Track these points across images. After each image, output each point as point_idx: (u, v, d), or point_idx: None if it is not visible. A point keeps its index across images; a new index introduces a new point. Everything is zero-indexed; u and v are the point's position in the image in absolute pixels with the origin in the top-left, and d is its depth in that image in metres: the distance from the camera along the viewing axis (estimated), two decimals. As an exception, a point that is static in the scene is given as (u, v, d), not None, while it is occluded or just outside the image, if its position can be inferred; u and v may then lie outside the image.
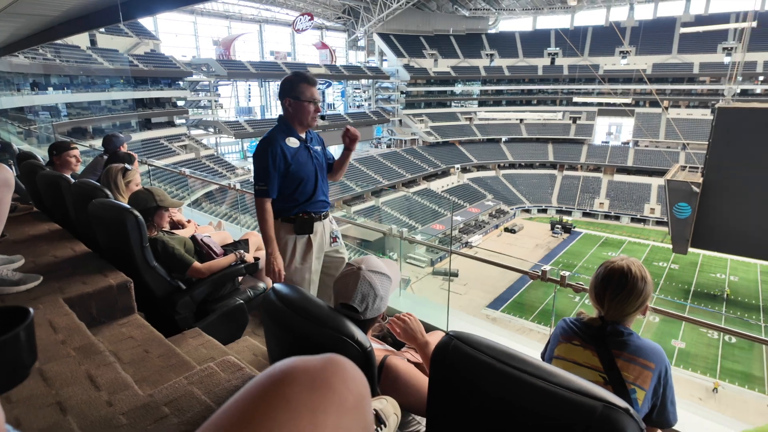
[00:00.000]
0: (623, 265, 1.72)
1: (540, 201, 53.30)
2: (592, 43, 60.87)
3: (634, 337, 1.69)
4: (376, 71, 61.06)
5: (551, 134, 59.62)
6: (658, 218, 45.01)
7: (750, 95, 51.03)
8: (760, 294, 31.94)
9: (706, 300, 31.05)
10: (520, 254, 39.84)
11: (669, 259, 36.96)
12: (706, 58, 53.53)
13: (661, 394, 1.63)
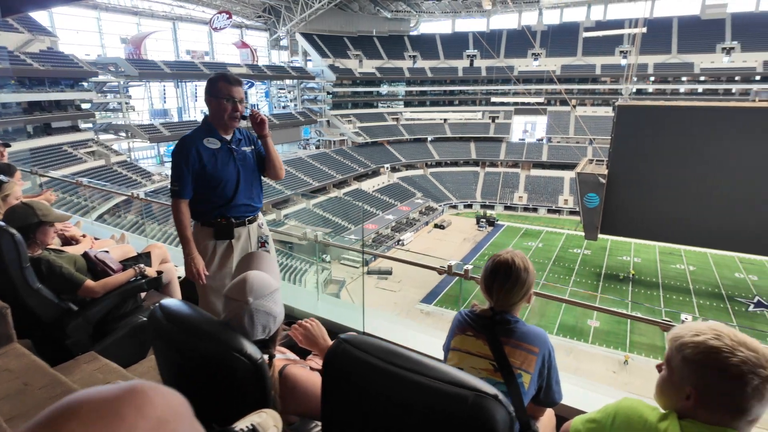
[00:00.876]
0: (508, 258, 1.83)
1: (465, 197, 55.58)
2: (507, 46, 64.52)
3: (520, 324, 1.81)
4: (301, 71, 60.18)
5: (473, 133, 62.37)
6: (572, 208, 48.73)
7: (644, 94, 56.90)
8: (659, 272, 35.71)
9: (615, 281, 34.10)
10: (450, 248, 41.31)
11: (582, 245, 40.15)
12: (606, 61, 58.81)
13: (546, 375, 1.76)
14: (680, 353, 1.26)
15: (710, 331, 1.24)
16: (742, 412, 1.17)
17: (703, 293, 32.15)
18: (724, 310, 29.77)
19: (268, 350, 1.59)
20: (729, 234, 28.49)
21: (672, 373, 1.30)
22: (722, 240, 29.62)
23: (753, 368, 1.15)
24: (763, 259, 35.63)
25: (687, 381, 1.24)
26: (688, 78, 55.00)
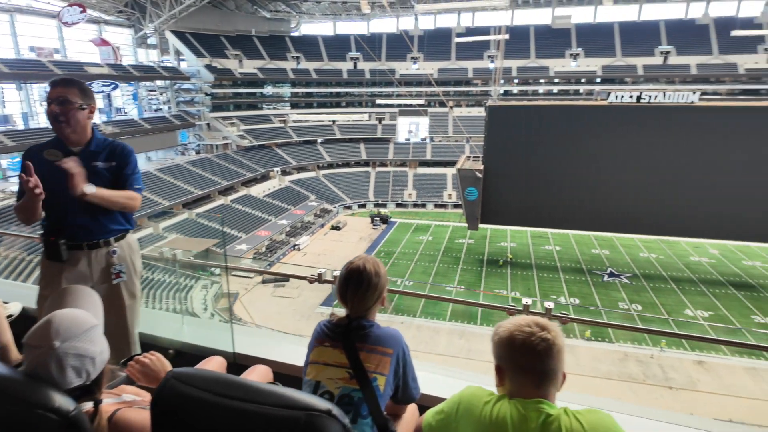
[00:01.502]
0: (359, 265, 1.86)
1: (359, 197, 56.45)
2: (387, 50, 66.82)
3: (374, 328, 1.84)
4: (174, 71, 55.67)
5: (362, 134, 63.58)
6: (456, 202, 52.22)
7: (510, 95, 63.13)
8: (532, 255, 39.92)
9: (495, 266, 37.29)
10: (347, 249, 41.62)
11: (466, 235, 43.26)
12: (477, 64, 64.00)
13: (402, 374, 1.82)
14: (495, 339, 1.49)
15: (522, 321, 1.46)
16: (546, 377, 1.41)
17: (568, 269, 36.66)
18: (585, 282, 34.30)
19: (92, 396, 1.38)
20: (589, 216, 33.00)
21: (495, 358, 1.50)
22: (583, 221, 34.21)
23: (537, 336, 1.40)
24: (612, 236, 41.84)
25: (499, 361, 1.48)
26: (545, 80, 62.33)
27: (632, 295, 31.99)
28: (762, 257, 38.42)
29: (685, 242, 40.44)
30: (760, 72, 53.74)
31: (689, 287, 33.19)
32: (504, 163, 32.81)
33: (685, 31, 59.67)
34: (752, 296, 31.67)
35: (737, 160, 28.70)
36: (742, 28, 48.83)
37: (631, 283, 33.95)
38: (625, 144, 30.39)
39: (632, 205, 31.33)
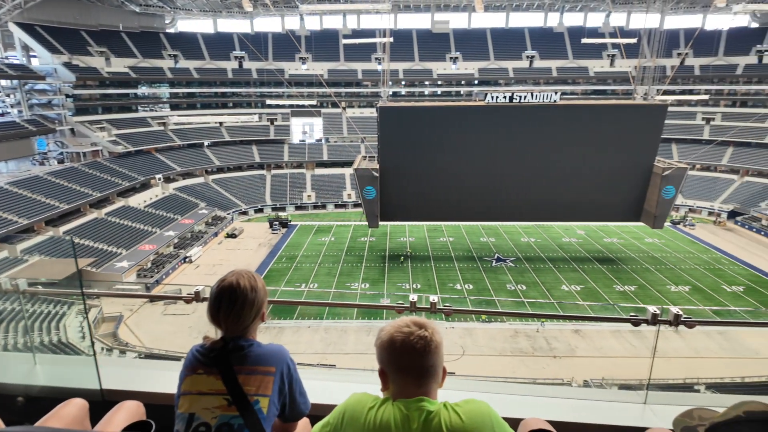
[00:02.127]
0: (232, 281, 1.71)
1: (255, 201, 54.21)
2: (274, 49, 65.00)
3: (254, 347, 1.72)
4: (23, 70, 48.06)
5: (253, 136, 61.11)
6: (355, 201, 52.76)
7: (399, 96, 65.37)
8: (429, 247, 41.88)
9: (396, 261, 38.44)
10: (246, 257, 39.72)
11: (367, 233, 43.96)
12: (365, 66, 65.18)
13: (287, 391, 1.72)
14: (377, 343, 1.47)
15: (401, 322, 1.46)
16: (427, 373, 1.42)
17: (461, 258, 39.15)
18: (477, 269, 36.91)
19: None
20: (474, 207, 35.55)
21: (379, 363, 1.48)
22: (470, 213, 36.74)
23: (416, 334, 1.41)
24: (497, 224, 45.63)
25: (381, 364, 1.46)
26: (430, 82, 65.67)
27: (517, 277, 35.22)
28: (617, 234, 44.84)
29: (557, 226, 45.55)
30: (606, 75, 62.56)
31: (563, 265, 37.50)
32: (398, 162, 33.96)
33: (546, 38, 67.13)
34: (612, 269, 36.82)
35: (592, 151, 33.06)
36: (589, 36, 56.27)
37: (515, 266, 37.35)
38: (502, 140, 33.30)
39: (512, 195, 34.52)
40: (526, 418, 1.71)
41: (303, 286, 34.00)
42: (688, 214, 49.58)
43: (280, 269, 37.21)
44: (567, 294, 32.31)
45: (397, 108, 36.77)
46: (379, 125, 33.93)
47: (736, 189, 51.05)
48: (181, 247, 40.28)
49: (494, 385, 2.41)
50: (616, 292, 32.54)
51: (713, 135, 53.98)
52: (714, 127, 56.18)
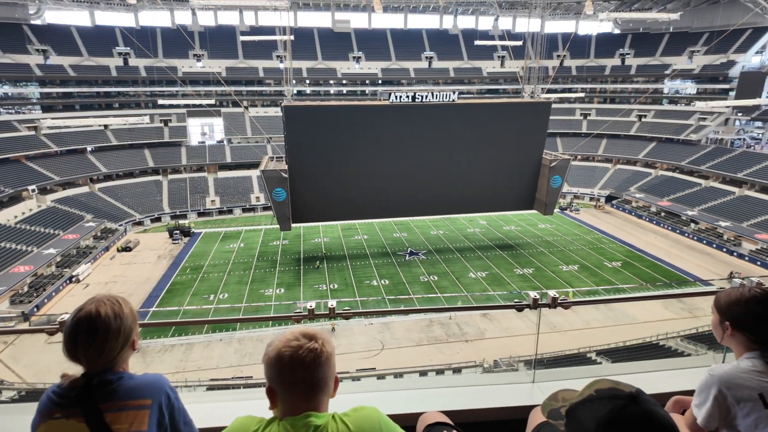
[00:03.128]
0: (90, 311, 1.51)
1: (151, 210, 49.95)
2: (164, 45, 60.32)
3: (125, 380, 1.53)
4: None
5: (145, 139, 56.21)
6: (265, 204, 50.98)
7: (304, 95, 64.39)
8: (344, 246, 41.88)
9: (312, 262, 37.89)
10: (144, 271, 36.49)
11: (280, 237, 42.74)
12: (267, 64, 63.14)
13: (168, 423, 1.57)
14: (264, 359, 1.37)
15: (289, 336, 1.37)
16: (317, 387, 1.35)
17: (376, 254, 39.73)
18: (392, 264, 37.71)
19: None
20: (389, 204, 36.23)
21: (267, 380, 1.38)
22: (380, 210, 37.39)
23: (305, 347, 1.35)
24: (408, 220, 46.97)
25: (270, 381, 1.37)
26: (334, 81, 65.55)
27: (429, 268, 36.63)
28: (515, 222, 48.55)
29: (462, 218, 48.12)
30: (498, 75, 67.35)
31: (469, 254, 39.75)
32: (307, 162, 33.42)
33: (442, 40, 70.46)
34: (512, 254, 39.81)
35: (489, 146, 35.39)
36: (481, 38, 60.13)
37: (427, 258, 38.80)
38: (407, 138, 34.30)
39: (419, 190, 35.74)
40: (423, 413, 1.74)
41: (212, 297, 32.14)
42: (573, 200, 55.26)
43: (184, 281, 34.75)
44: (474, 281, 34.32)
45: (303, 107, 36.21)
46: (285, 125, 33.08)
47: (611, 176, 57.99)
48: (65, 266, 35.83)
49: (394, 383, 2.43)
50: (516, 276, 35.26)
51: (590, 129, 60.69)
52: (590, 122, 63.19)
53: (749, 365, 1.64)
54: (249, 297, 32.08)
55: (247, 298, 31.99)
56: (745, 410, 1.55)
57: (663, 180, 53.77)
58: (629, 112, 61.98)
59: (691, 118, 58.12)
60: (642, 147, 58.96)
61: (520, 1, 63.92)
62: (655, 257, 38.89)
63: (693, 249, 41.04)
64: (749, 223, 41.04)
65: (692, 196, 48.70)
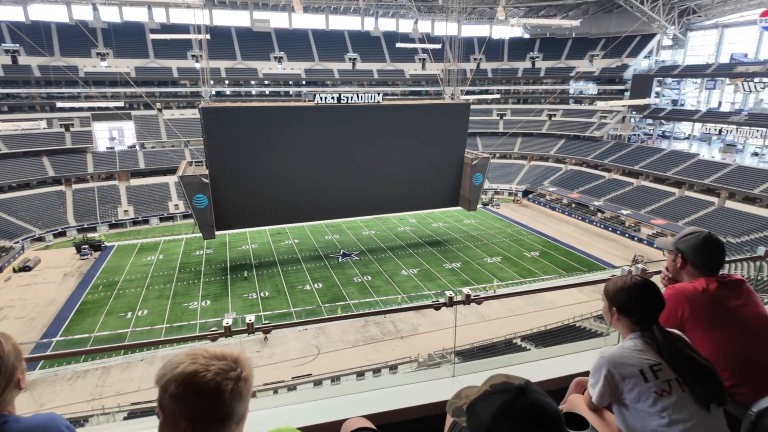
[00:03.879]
0: None
1: (53, 224, 45.17)
2: (61, 43, 54.84)
3: (10, 424, 1.37)
4: None
5: (43, 145, 50.70)
6: (184, 212, 48.15)
7: (223, 96, 61.68)
8: (274, 252, 40.75)
9: (241, 270, 36.45)
10: (48, 292, 33.01)
11: (203, 246, 40.62)
12: (181, 64, 59.68)
13: None
14: (167, 392, 1.20)
15: (187, 358, 1.24)
16: (228, 418, 1.22)
17: (308, 258, 39.13)
18: (325, 267, 37.35)
19: None
20: (319, 206, 35.71)
21: (167, 415, 1.22)
22: (308, 213, 36.78)
23: (225, 375, 1.21)
24: (340, 221, 46.76)
25: (180, 416, 1.19)
26: (256, 82, 63.57)
27: (362, 269, 36.79)
28: (443, 219, 50.22)
29: (393, 217, 48.86)
30: (419, 77, 69.23)
31: (401, 252, 40.48)
32: (230, 166, 32.05)
33: (365, 42, 71.05)
34: (441, 250, 41.14)
35: (415, 146, 36.27)
36: (402, 41, 61.40)
37: (360, 259, 38.93)
38: (334, 139, 34.13)
39: (349, 192, 35.72)
40: (346, 420, 1.73)
41: (129, 315, 29.79)
42: (494, 196, 58.28)
43: (96, 300, 31.87)
44: (407, 278, 35.03)
45: (223, 109, 34.56)
46: (204, 127, 31.48)
47: (527, 172, 61.93)
48: (-53, 294, 31.33)
49: (316, 391, 2.40)
50: (446, 270, 36.51)
51: (506, 128, 64.36)
52: (506, 122, 67.02)
53: (632, 345, 1.85)
54: (171, 312, 30.17)
55: (170, 313, 30.07)
56: (630, 385, 1.74)
57: (572, 174, 58.43)
58: (540, 112, 66.61)
59: (594, 116, 63.75)
60: (553, 144, 63.63)
61: (437, 6, 66.18)
62: (568, 245, 42.17)
63: (600, 236, 45.03)
64: (646, 210, 45.86)
65: (598, 187, 53.42)
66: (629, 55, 63.36)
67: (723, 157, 50.03)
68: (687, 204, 44.80)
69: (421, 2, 66.76)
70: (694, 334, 2.06)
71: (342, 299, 31.80)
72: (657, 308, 1.88)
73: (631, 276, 1.94)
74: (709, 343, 2.04)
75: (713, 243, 2.23)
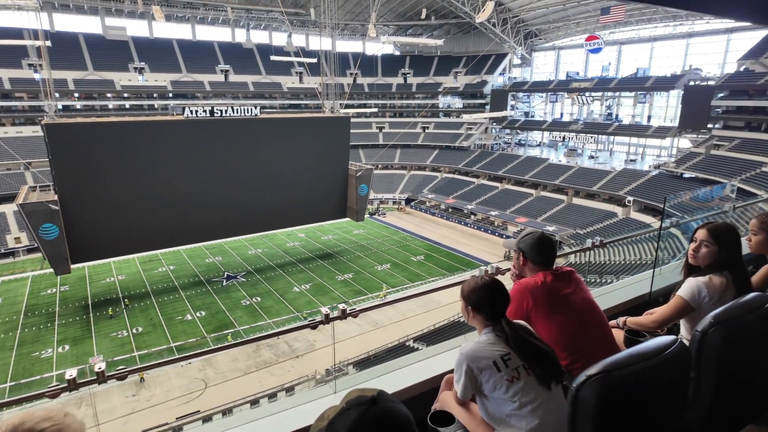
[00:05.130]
0: None
1: None
2: None
3: None
4: None
5: None
6: (29, 246, 41.16)
7: (73, 111, 54.29)
8: (146, 282, 36.77)
9: (106, 307, 32.14)
10: None
11: (56, 283, 35.07)
12: (15, 74, 51.25)
13: None
14: None
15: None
16: None
17: (188, 285, 36.06)
18: (207, 292, 34.77)
19: None
20: (196, 227, 32.97)
21: None
22: (191, 234, 33.93)
23: None
24: (221, 242, 44.01)
25: None
26: (113, 94, 57.23)
27: (251, 290, 35.06)
28: (332, 231, 50.26)
29: (280, 233, 47.52)
30: (298, 90, 68.81)
31: (291, 268, 39.51)
32: (84, 190, 28.17)
33: (237, 54, 68.48)
34: (332, 262, 41.10)
35: (298, 160, 35.83)
36: (276, 54, 60.48)
37: (247, 280, 37.05)
38: (210, 155, 32.10)
39: (229, 210, 33.76)
40: None
41: (-42, 377, 24.38)
42: (379, 205, 60.13)
43: None
44: (299, 294, 34.25)
45: (72, 125, 30.29)
46: (50, 147, 27.24)
47: (407, 181, 65.09)
48: None
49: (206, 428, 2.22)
50: (338, 282, 36.55)
51: (386, 140, 66.96)
52: (385, 134, 69.80)
53: (485, 339, 2.05)
54: (18, 365, 25.44)
55: (15, 367, 25.31)
56: (486, 376, 1.92)
57: (447, 181, 62.96)
58: (415, 125, 70.74)
59: (461, 128, 69.63)
60: (428, 154, 67.94)
61: (310, 21, 66.64)
62: (448, 247, 45.23)
63: (475, 236, 49.12)
64: (510, 210, 51.24)
65: (469, 192, 58.28)
66: (487, 72, 70.59)
67: (568, 160, 58.24)
68: (543, 203, 51.13)
69: (293, 16, 66.65)
70: (539, 323, 2.37)
71: (230, 326, 29.90)
72: (503, 304, 2.11)
73: (482, 277, 2.16)
74: (549, 329, 2.35)
75: (546, 241, 2.59)
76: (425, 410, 2.07)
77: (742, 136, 43.76)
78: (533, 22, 64.47)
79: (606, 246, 3.83)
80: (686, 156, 46.71)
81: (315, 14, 61.08)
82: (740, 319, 1.63)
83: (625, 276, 23.41)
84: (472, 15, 55.22)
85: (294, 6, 66.06)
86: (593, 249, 3.64)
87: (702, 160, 43.87)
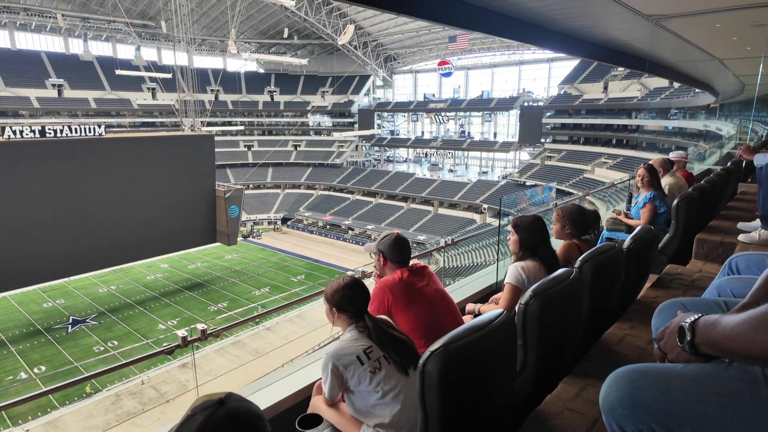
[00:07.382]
0: None
1: None
2: None
3: None
4: None
5: None
6: None
7: None
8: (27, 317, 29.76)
9: None
10: None
11: None
12: None
13: None
14: None
15: None
16: None
17: (20, 338, 30.10)
18: (48, 342, 29.44)
19: None
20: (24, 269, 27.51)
21: None
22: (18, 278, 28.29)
23: None
24: (63, 282, 37.73)
25: None
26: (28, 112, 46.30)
27: (105, 334, 30.61)
28: (201, 259, 46.57)
29: (138, 265, 42.38)
30: (151, 107, 62.99)
31: (154, 304, 35.54)
32: None
33: (73, 66, 60.25)
34: (203, 292, 38.06)
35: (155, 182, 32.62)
36: (122, 68, 54.67)
37: (99, 323, 32.30)
38: (42, 183, 27.41)
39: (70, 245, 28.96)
40: None
41: None
42: (253, 226, 57.68)
43: None
44: (165, 331, 30.89)
45: None
46: None
47: (282, 200, 63.69)
48: None
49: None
50: (211, 313, 33.90)
51: (255, 159, 64.80)
52: (255, 152, 67.54)
53: (349, 336, 2.15)
54: None
55: None
56: (351, 372, 2.01)
57: (323, 198, 63.21)
58: (286, 143, 69.85)
59: (333, 146, 70.75)
60: (302, 172, 67.52)
61: (162, 34, 61.82)
62: (329, 264, 45.26)
63: (354, 251, 49.97)
64: (385, 223, 53.38)
65: (346, 208, 59.30)
66: (353, 92, 73.14)
67: (431, 174, 62.97)
68: (413, 214, 54.36)
69: (141, 29, 61.21)
70: (399, 315, 2.55)
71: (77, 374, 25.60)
72: (365, 300, 2.24)
73: (342, 278, 2.26)
74: (408, 320, 2.56)
75: (401, 241, 2.84)
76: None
77: (567, 149, 52.34)
78: (391, 47, 68.91)
79: (456, 244, 4.30)
80: (527, 167, 54.14)
81: (167, 27, 56.84)
82: (552, 289, 1.97)
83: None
84: (334, 37, 56.91)
85: (142, 17, 60.72)
86: (445, 248, 4.06)
87: (539, 169, 51.23)
